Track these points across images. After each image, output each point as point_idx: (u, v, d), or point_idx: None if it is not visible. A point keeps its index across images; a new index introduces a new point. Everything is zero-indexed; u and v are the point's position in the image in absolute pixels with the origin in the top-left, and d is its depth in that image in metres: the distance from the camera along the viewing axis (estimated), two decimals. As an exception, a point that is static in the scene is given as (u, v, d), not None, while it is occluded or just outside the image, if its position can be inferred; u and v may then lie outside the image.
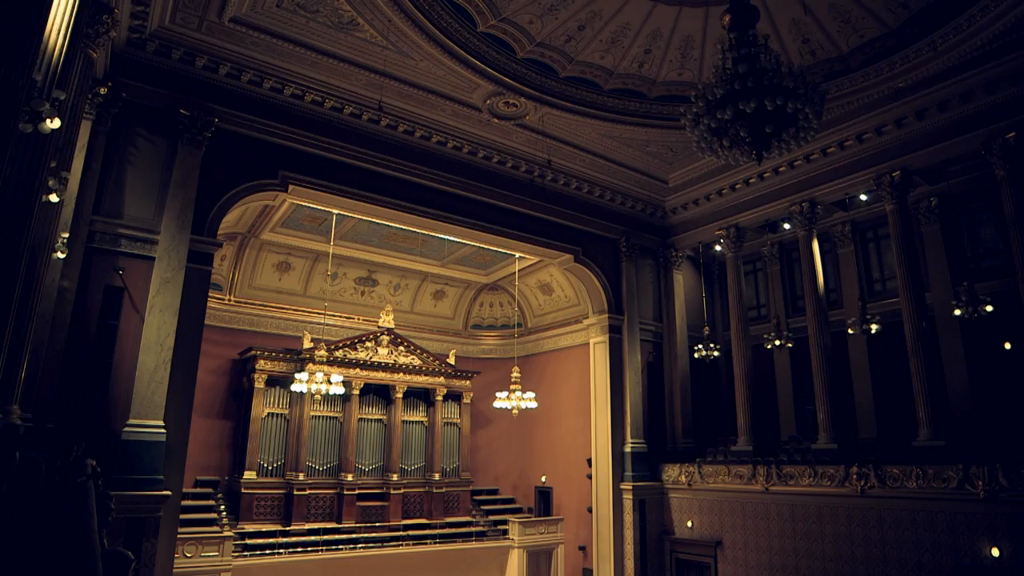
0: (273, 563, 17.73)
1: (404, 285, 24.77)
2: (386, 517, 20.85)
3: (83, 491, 4.74)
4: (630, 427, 20.85)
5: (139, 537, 11.91)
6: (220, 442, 20.11)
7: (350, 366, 20.91)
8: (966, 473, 13.70)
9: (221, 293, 20.66)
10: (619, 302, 21.79)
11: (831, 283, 20.19)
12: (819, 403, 17.76)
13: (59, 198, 8.37)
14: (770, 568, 17.15)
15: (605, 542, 20.40)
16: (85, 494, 4.68)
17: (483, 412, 24.46)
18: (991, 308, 14.14)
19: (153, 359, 12.79)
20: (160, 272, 13.15)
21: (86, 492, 4.78)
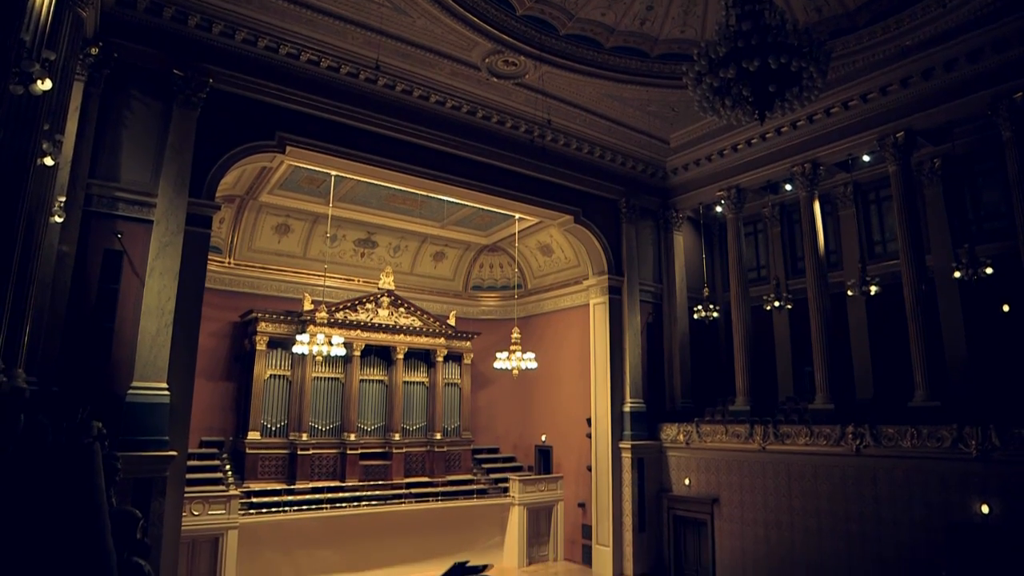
0: (279, 520, 18.09)
1: (404, 247, 24.72)
2: (388, 476, 21.20)
3: (90, 452, 4.80)
4: (629, 387, 21.06)
5: (147, 496, 12.13)
6: (223, 404, 20.33)
7: (351, 328, 21.01)
8: (960, 433, 13.89)
9: (221, 256, 20.63)
10: (619, 263, 21.79)
11: (831, 245, 20.16)
12: (817, 364, 17.89)
13: (54, 161, 8.31)
14: (765, 525, 17.52)
15: (604, 499, 20.81)
16: (92, 455, 4.75)
17: (483, 373, 24.67)
18: (991, 270, 14.16)
19: (154, 323, 12.85)
20: (159, 236, 13.12)
21: (93, 453, 4.84)
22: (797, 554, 16.67)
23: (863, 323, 19.32)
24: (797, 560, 16.64)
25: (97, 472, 4.37)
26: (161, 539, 12.56)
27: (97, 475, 4.31)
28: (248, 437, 19.20)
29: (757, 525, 17.73)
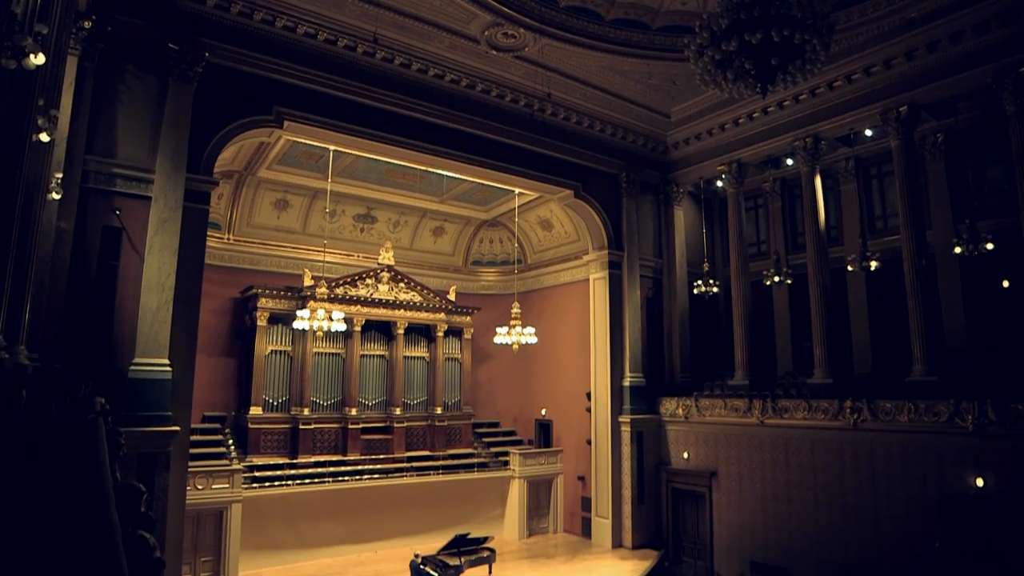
0: (282, 494, 18.30)
1: (403, 222, 24.63)
2: (390, 449, 21.38)
3: (93, 428, 4.83)
4: (629, 362, 21.17)
5: (151, 471, 12.27)
6: (225, 380, 20.42)
7: (351, 303, 21.03)
8: (957, 408, 14.00)
9: (220, 232, 20.56)
10: (619, 238, 21.76)
11: (832, 220, 20.09)
12: (816, 339, 17.96)
13: (50, 137, 8.24)
14: (763, 498, 17.73)
15: (604, 472, 21.04)
16: (95, 430, 4.78)
17: (484, 348, 24.75)
18: (991, 246, 14.11)
19: (155, 299, 12.87)
20: (157, 212, 13.09)
21: (96, 428, 4.88)
22: (794, 527, 16.90)
23: (862, 298, 19.35)
24: (794, 532, 16.87)
25: (101, 447, 4.41)
26: (166, 512, 12.73)
27: (101, 450, 4.35)
28: (250, 412, 19.32)
29: (755, 498, 17.94)
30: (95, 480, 3.69)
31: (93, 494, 3.44)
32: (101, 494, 3.54)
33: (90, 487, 3.52)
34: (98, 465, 3.95)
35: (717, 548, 18.87)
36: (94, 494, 3.46)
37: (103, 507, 3.33)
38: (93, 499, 3.36)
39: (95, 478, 3.71)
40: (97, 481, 3.69)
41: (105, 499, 3.48)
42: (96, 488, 3.57)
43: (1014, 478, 13.14)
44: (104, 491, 3.63)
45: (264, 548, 17.81)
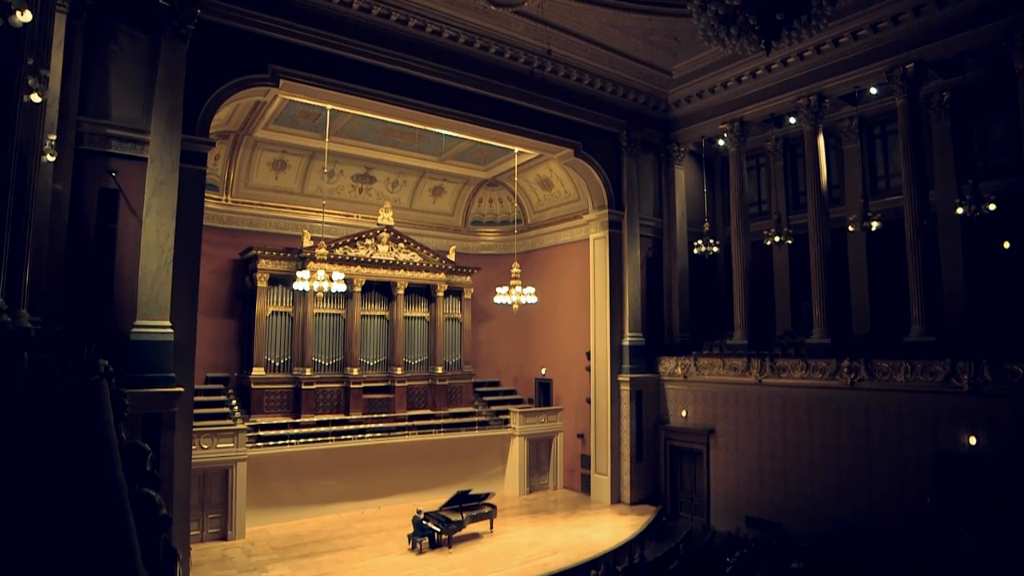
0: (286, 453, 18.59)
1: (402, 182, 24.46)
2: (392, 409, 21.63)
3: (97, 389, 4.88)
4: (628, 321, 21.27)
5: (156, 432, 12.42)
6: (227, 341, 20.53)
7: (351, 264, 21.01)
8: (953, 367, 14.13)
9: (218, 193, 20.43)
10: (619, 197, 21.64)
11: (834, 180, 19.95)
12: (815, 299, 18.01)
13: (41, 98, 8.11)
14: (759, 456, 18.01)
15: (603, 430, 21.34)
16: (99, 392, 4.83)
17: (484, 307, 24.84)
18: (994, 207, 14.03)
19: (154, 261, 12.86)
20: (154, 173, 12.98)
21: (100, 390, 4.92)
22: (790, 483, 17.21)
23: (862, 259, 19.35)
24: (790, 489, 17.19)
25: (105, 408, 4.46)
26: (173, 471, 12.95)
27: (106, 411, 4.40)
28: (253, 373, 19.49)
29: (751, 456, 18.23)
30: (100, 440, 3.74)
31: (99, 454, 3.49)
32: (106, 454, 3.59)
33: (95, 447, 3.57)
34: (103, 426, 3.99)
35: (714, 504, 19.26)
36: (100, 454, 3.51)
37: (109, 466, 3.38)
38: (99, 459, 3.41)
39: (100, 438, 3.76)
40: (102, 441, 3.74)
41: (110, 459, 3.53)
42: (101, 448, 3.61)
43: (1007, 436, 13.35)
44: (109, 451, 3.68)
45: (269, 505, 18.19)
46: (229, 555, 15.77)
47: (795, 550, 14.17)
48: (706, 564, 14.59)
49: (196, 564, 14.62)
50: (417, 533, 16.55)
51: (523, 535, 17.96)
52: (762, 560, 13.78)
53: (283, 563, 15.32)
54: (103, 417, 4.18)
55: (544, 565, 15.48)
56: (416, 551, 16.35)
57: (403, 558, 15.98)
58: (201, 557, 15.22)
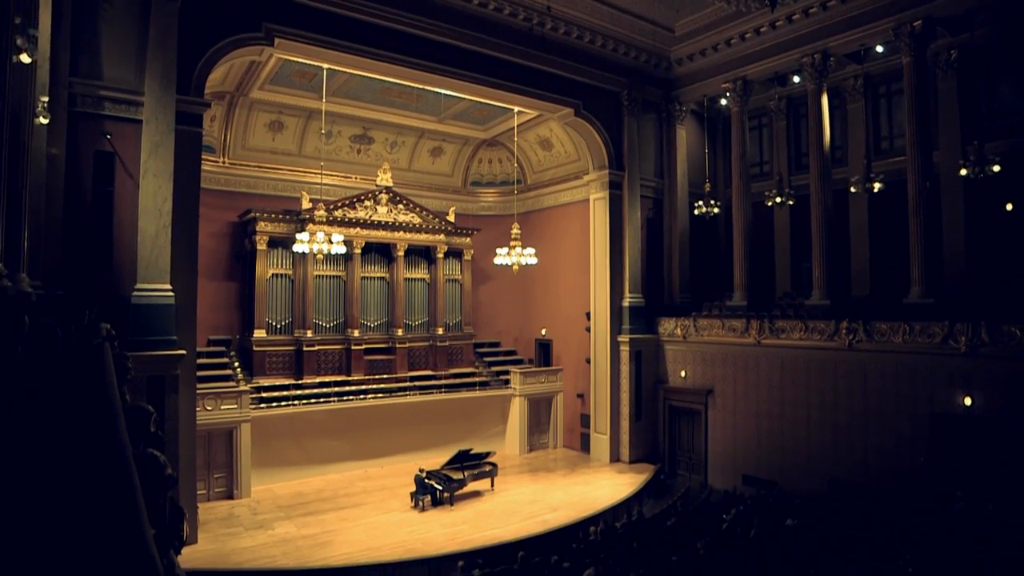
0: (289, 414, 18.82)
1: (401, 142, 24.21)
2: (393, 370, 21.81)
3: (100, 352, 4.90)
4: (628, 282, 21.31)
5: (160, 394, 12.57)
6: (228, 303, 20.58)
7: (350, 225, 20.94)
8: (951, 329, 14.19)
9: (215, 156, 20.24)
10: (620, 157, 21.46)
11: (837, 140, 19.74)
12: (815, 260, 17.99)
13: (31, 59, 7.99)
14: (757, 416, 18.23)
15: (602, 390, 21.56)
16: (102, 355, 4.85)
17: (484, 269, 24.85)
18: (998, 168, 13.86)
19: (153, 224, 12.83)
20: (149, 135, 12.85)
21: (103, 353, 4.95)
22: (787, 443, 17.45)
23: (864, 220, 19.26)
24: (787, 448, 17.43)
25: (108, 371, 4.49)
26: (178, 433, 13.15)
27: (108, 374, 4.43)
28: (254, 335, 19.59)
29: (749, 416, 18.45)
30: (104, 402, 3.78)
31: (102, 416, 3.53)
32: (110, 416, 3.63)
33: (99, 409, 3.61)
34: (106, 388, 4.03)
35: (711, 463, 19.57)
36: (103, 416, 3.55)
37: (113, 428, 3.42)
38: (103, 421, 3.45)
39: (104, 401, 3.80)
40: (106, 403, 3.78)
41: (114, 420, 3.57)
42: (105, 410, 3.66)
43: (1002, 397, 13.48)
44: (113, 413, 3.73)
45: (274, 465, 18.49)
46: (236, 513, 16.10)
47: (790, 508, 14.42)
48: (703, 521, 14.88)
49: (204, 522, 14.93)
50: (419, 491, 16.85)
51: (523, 493, 18.29)
52: (758, 517, 14.03)
53: (289, 521, 15.65)
54: (106, 379, 4.22)
55: (544, 522, 15.80)
56: (419, 509, 16.68)
57: (406, 515, 16.31)
58: (208, 516, 15.53)
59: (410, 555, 13.70)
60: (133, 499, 2.49)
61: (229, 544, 14.08)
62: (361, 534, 14.91)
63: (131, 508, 2.37)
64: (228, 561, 13.12)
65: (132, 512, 2.37)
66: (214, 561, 13.04)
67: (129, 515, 2.31)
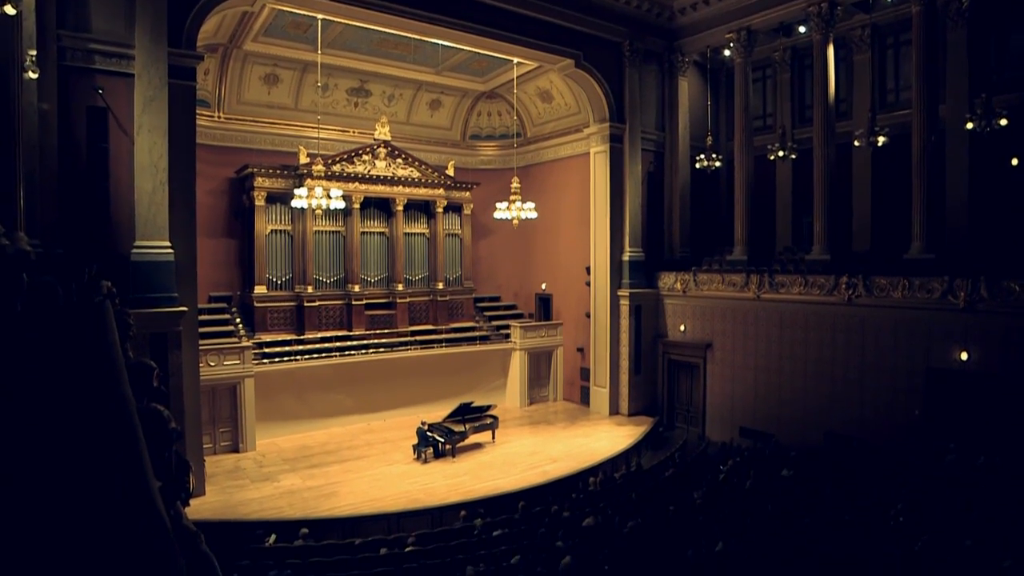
0: (291, 369, 19.01)
1: (398, 95, 23.82)
2: (394, 324, 21.94)
3: (101, 309, 4.91)
4: (629, 237, 21.25)
5: (163, 350, 12.66)
6: (228, 260, 20.56)
7: (348, 180, 20.77)
8: (951, 285, 14.19)
9: (209, 110, 19.92)
10: (621, 110, 21.15)
11: (842, 92, 19.38)
12: (817, 214, 17.89)
13: (16, 9, 7.82)
14: (755, 369, 18.39)
15: (602, 344, 21.73)
16: (104, 312, 4.86)
17: (484, 223, 24.75)
18: (1005, 122, 13.61)
19: (149, 181, 12.72)
20: (142, 90, 12.63)
21: (105, 310, 4.95)
22: (784, 396, 17.66)
23: (867, 175, 19.07)
24: (784, 401, 17.65)
25: (110, 328, 4.50)
26: (182, 388, 13.31)
27: (110, 331, 4.44)
28: (255, 291, 19.63)
29: (747, 369, 18.62)
30: (106, 358, 3.80)
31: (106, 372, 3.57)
32: (113, 371, 3.66)
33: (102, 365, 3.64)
34: (108, 345, 4.05)
35: (709, 415, 19.85)
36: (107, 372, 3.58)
37: (116, 383, 3.47)
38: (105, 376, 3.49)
39: (106, 357, 3.82)
40: (108, 359, 3.81)
41: (117, 376, 3.61)
42: (107, 366, 3.69)
43: (998, 353, 13.58)
44: (116, 369, 3.76)
45: (278, 419, 18.77)
46: (242, 466, 16.42)
47: (786, 459, 14.69)
48: (700, 472, 15.17)
49: (211, 475, 15.24)
50: (422, 444, 17.15)
51: (524, 445, 18.61)
52: (754, 468, 14.31)
53: (294, 473, 15.97)
54: (108, 336, 4.24)
55: (544, 472, 16.12)
56: (421, 461, 16.99)
57: (408, 467, 16.63)
58: (215, 469, 15.85)
59: (413, 505, 14.02)
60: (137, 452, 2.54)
61: (236, 496, 14.40)
62: (365, 485, 15.24)
63: (135, 460, 2.41)
64: (236, 512, 13.44)
65: (136, 464, 2.41)
66: (222, 512, 13.36)
67: (133, 469, 2.35)
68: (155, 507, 2.32)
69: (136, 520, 2.21)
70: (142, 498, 2.32)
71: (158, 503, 2.39)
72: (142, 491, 2.39)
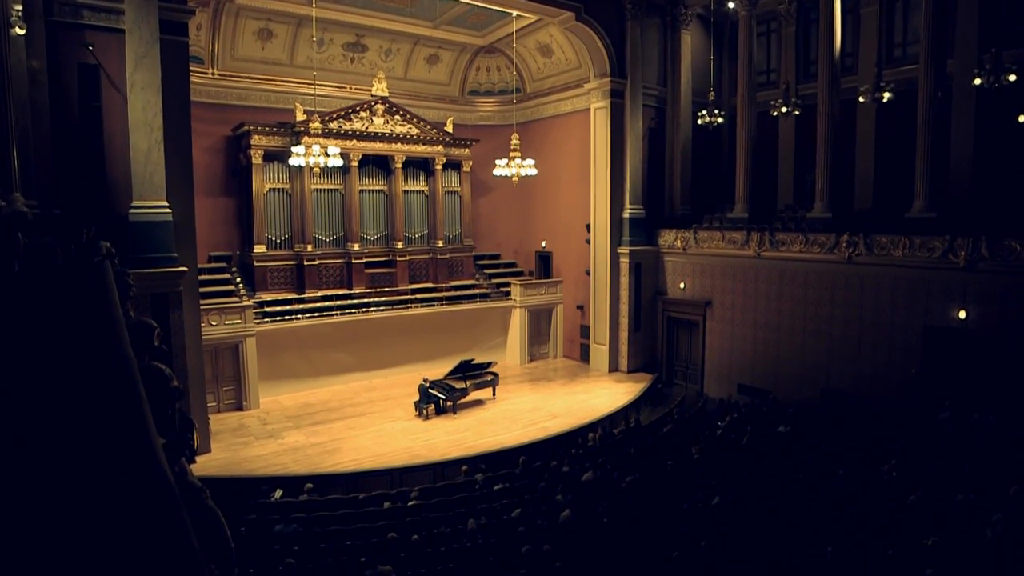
0: (292, 327, 19.10)
1: (396, 50, 23.37)
2: (394, 283, 21.95)
3: (101, 270, 4.92)
4: (629, 194, 21.12)
5: (165, 310, 12.72)
6: (227, 219, 20.45)
7: (346, 137, 20.53)
8: (951, 244, 14.14)
9: (203, 67, 19.54)
10: (622, 65, 20.78)
11: (848, 47, 18.97)
12: (819, 172, 17.73)
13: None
14: (754, 326, 18.48)
15: (602, 302, 21.80)
16: (103, 273, 4.87)
17: (483, 180, 24.56)
18: (1014, 77, 13.28)
19: (145, 140, 12.58)
20: (133, 46, 12.38)
21: (104, 270, 4.97)
22: (782, 353, 17.77)
23: (871, 132, 18.81)
24: (782, 358, 17.78)
25: (110, 288, 4.53)
26: (184, 348, 13.40)
27: (110, 291, 4.47)
28: (255, 250, 19.58)
29: (746, 326, 18.71)
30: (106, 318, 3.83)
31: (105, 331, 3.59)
32: (113, 331, 3.69)
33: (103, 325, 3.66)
34: (109, 305, 4.07)
35: (708, 372, 20.02)
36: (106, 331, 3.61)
37: (116, 342, 3.49)
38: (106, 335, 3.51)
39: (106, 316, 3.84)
40: (109, 319, 3.83)
41: (118, 335, 3.63)
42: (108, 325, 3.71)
43: (996, 311, 13.61)
44: (116, 328, 3.78)
45: (281, 377, 18.95)
46: (246, 424, 16.65)
47: (783, 416, 14.88)
48: (698, 428, 15.38)
49: (216, 433, 15.47)
50: (423, 400, 17.35)
51: (524, 401, 18.84)
52: (751, 424, 14.51)
53: (297, 430, 16.20)
54: (108, 296, 4.25)
55: (544, 429, 16.36)
56: (423, 417, 17.23)
57: (410, 423, 16.86)
58: (220, 426, 16.08)
59: (415, 460, 14.27)
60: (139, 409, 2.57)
61: (241, 453, 14.64)
62: (368, 441, 15.48)
63: (137, 419, 2.44)
64: (241, 468, 13.68)
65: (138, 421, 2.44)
66: (228, 469, 13.60)
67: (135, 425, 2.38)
68: (158, 463, 2.36)
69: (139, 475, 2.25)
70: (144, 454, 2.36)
71: (161, 459, 2.43)
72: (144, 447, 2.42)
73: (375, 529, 10.29)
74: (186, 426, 4.50)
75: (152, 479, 2.26)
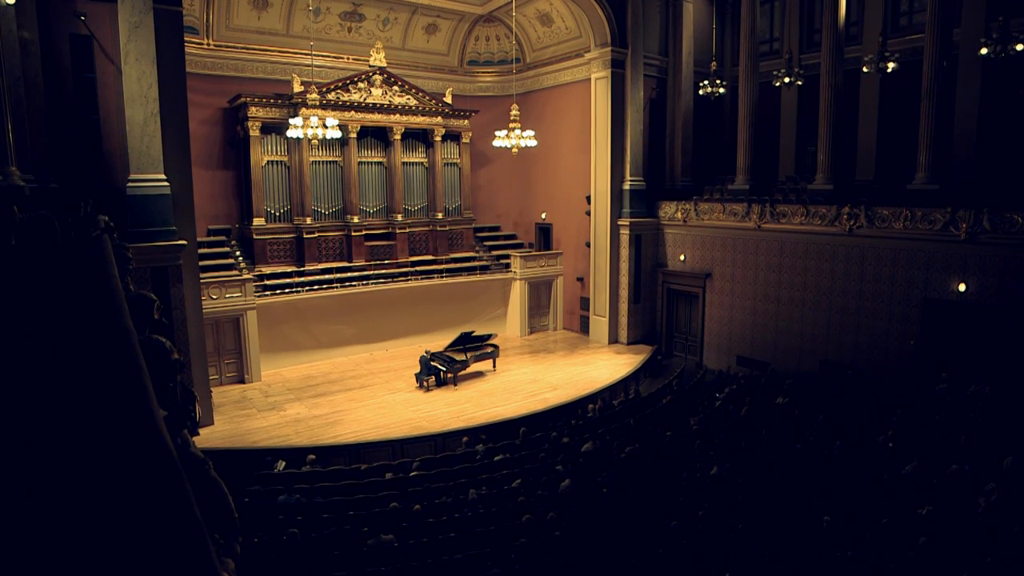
0: (292, 300, 19.12)
1: (393, 19, 23.02)
2: (394, 255, 21.91)
3: (99, 243, 4.91)
4: (629, 165, 20.99)
5: (165, 284, 12.73)
6: (225, 192, 20.32)
7: (344, 109, 20.32)
8: (953, 216, 14.08)
9: (198, 37, 19.25)
10: (623, 34, 20.48)
11: (853, 15, 18.67)
12: (821, 143, 17.58)
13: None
14: (754, 298, 18.50)
15: (602, 274, 21.80)
16: (102, 246, 4.86)
17: (483, 151, 24.38)
18: (1021, 47, 13.09)
19: (140, 112, 12.46)
20: (126, 16, 12.20)
21: (103, 244, 4.96)
22: (781, 325, 17.82)
23: (874, 102, 18.58)
24: (781, 330, 17.82)
25: (109, 262, 4.51)
26: (185, 321, 13.44)
27: (109, 264, 4.45)
28: (254, 223, 19.50)
29: (746, 298, 18.73)
30: (107, 292, 3.81)
31: (106, 305, 3.58)
32: (113, 304, 3.67)
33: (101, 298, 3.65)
34: (108, 279, 4.05)
35: (707, 344, 20.10)
36: (107, 305, 3.59)
37: (116, 315, 3.48)
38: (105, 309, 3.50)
39: (106, 289, 3.83)
40: (108, 293, 3.81)
41: (118, 309, 3.62)
42: (107, 299, 3.70)
43: (995, 284, 13.61)
44: (116, 301, 3.77)
45: (282, 350, 19.03)
46: (248, 396, 16.77)
47: (782, 387, 14.97)
48: (697, 399, 15.49)
49: (218, 405, 15.58)
50: (424, 372, 17.45)
51: (524, 373, 18.94)
52: (750, 396, 14.61)
53: (299, 402, 16.32)
54: (107, 270, 4.24)
55: (544, 400, 16.48)
56: (424, 389, 17.34)
57: (411, 395, 16.98)
58: (222, 399, 16.19)
59: (416, 432, 14.39)
60: (140, 383, 2.57)
61: (244, 425, 14.77)
62: (369, 413, 15.60)
63: (138, 391, 2.45)
64: (244, 440, 13.81)
65: (139, 394, 2.45)
66: (231, 440, 13.74)
67: (136, 398, 2.39)
68: (159, 435, 2.38)
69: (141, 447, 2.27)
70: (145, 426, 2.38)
71: (161, 429, 2.45)
72: (145, 419, 2.44)
73: (377, 499, 10.43)
74: (188, 398, 4.52)
75: (154, 451, 2.27)
